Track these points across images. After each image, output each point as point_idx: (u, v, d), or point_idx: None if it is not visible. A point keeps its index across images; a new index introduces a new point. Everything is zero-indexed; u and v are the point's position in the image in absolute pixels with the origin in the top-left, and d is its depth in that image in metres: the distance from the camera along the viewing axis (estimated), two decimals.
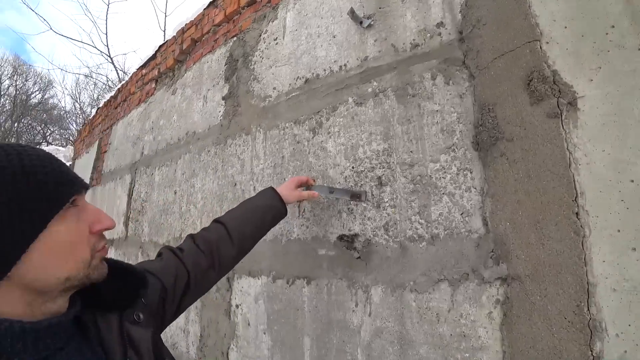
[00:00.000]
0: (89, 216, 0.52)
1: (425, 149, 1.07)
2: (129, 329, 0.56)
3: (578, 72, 0.82)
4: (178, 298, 0.76)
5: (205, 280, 0.85)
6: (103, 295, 0.55)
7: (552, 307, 0.77)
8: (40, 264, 0.46)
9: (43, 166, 0.48)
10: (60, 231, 0.48)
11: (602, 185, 0.75)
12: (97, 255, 0.52)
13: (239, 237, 0.93)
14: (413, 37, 1.17)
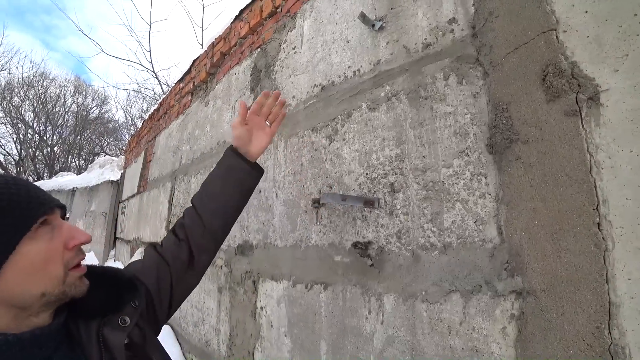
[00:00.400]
0: (63, 234, 0.54)
1: (437, 154, 1.02)
2: (106, 334, 0.57)
3: (601, 62, 0.73)
4: (167, 291, 0.77)
5: (190, 266, 0.82)
6: (86, 304, 0.58)
7: (570, 327, 0.70)
8: (15, 282, 0.49)
9: (9, 192, 0.50)
10: (30, 251, 0.50)
11: (630, 192, 0.66)
12: (72, 273, 0.54)
13: (206, 214, 0.85)
14: (425, 37, 1.13)
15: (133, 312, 0.63)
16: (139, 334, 0.64)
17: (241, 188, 0.91)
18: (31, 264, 0.50)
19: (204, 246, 0.85)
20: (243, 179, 0.90)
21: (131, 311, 0.63)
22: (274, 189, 1.67)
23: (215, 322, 1.98)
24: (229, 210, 0.89)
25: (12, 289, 0.49)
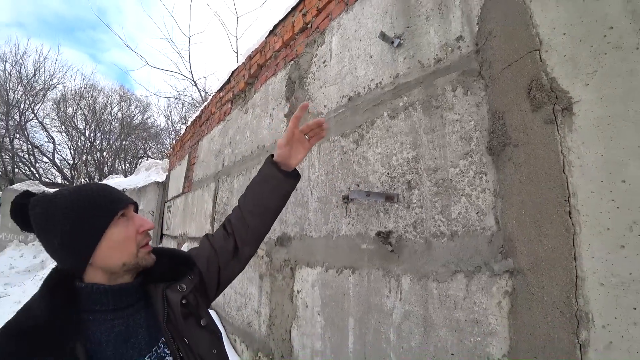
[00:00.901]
0: (135, 222, 0.77)
1: (446, 155, 1.22)
2: (168, 294, 0.80)
3: (574, 78, 0.90)
4: (215, 274, 0.96)
5: (234, 257, 0.99)
6: (155, 272, 0.82)
7: (547, 298, 0.88)
8: (105, 255, 0.72)
9: (99, 195, 0.75)
10: (114, 234, 0.72)
11: (594, 186, 0.83)
12: (142, 250, 0.77)
13: (248, 215, 1.01)
14: (436, 53, 1.32)
15: (189, 282, 0.85)
16: (193, 299, 0.85)
17: (277, 193, 1.03)
18: (115, 243, 0.73)
19: (247, 240, 1.00)
20: (279, 186, 1.02)
21: (187, 281, 0.85)
22: (309, 188, 1.92)
23: (256, 306, 2.27)
24: (268, 212, 1.03)
25: (104, 260, 0.73)
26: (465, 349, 1.06)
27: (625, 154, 0.80)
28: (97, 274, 0.73)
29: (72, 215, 0.71)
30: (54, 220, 0.71)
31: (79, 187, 0.77)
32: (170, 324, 0.78)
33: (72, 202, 0.72)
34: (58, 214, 0.71)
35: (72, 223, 0.70)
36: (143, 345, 0.74)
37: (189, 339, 0.79)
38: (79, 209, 0.71)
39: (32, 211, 0.72)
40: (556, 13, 0.96)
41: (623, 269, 0.77)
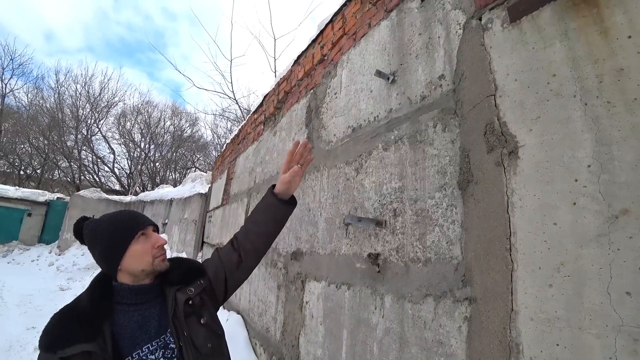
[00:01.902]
0: (152, 240, 1.05)
1: (425, 187, 1.36)
2: (177, 294, 1.04)
3: (521, 123, 1.02)
4: (222, 282, 1.18)
5: (239, 268, 1.21)
6: (170, 277, 1.07)
7: (491, 327, 0.99)
8: (129, 263, 1.00)
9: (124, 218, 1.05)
10: (136, 248, 1.01)
11: (530, 227, 0.95)
12: (157, 260, 1.04)
13: (251, 234, 1.24)
14: (422, 90, 1.47)
15: (197, 286, 1.10)
16: (199, 301, 1.08)
17: (275, 218, 1.27)
18: (136, 254, 1.01)
19: (249, 255, 1.23)
20: (277, 212, 1.26)
21: (196, 286, 1.10)
22: (319, 209, 2.13)
23: (274, 313, 2.51)
24: (267, 233, 1.26)
25: (128, 267, 1.01)
26: None
27: (558, 198, 0.91)
28: (125, 276, 1.03)
29: (106, 235, 1.03)
30: (96, 239, 1.03)
31: (114, 214, 1.09)
32: (175, 318, 1.03)
33: (107, 226, 1.04)
34: (98, 235, 1.03)
35: (107, 241, 1.02)
36: (153, 333, 1.00)
37: (188, 333, 1.02)
38: (111, 231, 1.03)
39: (84, 231, 1.06)
40: (510, 60, 1.09)
41: (550, 307, 0.88)
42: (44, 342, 0.90)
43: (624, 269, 0.77)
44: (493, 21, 1.16)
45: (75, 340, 0.88)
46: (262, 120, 3.58)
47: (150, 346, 0.98)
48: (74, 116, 19.14)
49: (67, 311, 0.95)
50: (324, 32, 2.46)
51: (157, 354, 0.98)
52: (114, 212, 1.09)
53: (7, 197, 13.20)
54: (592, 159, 0.86)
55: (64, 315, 0.93)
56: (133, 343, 0.96)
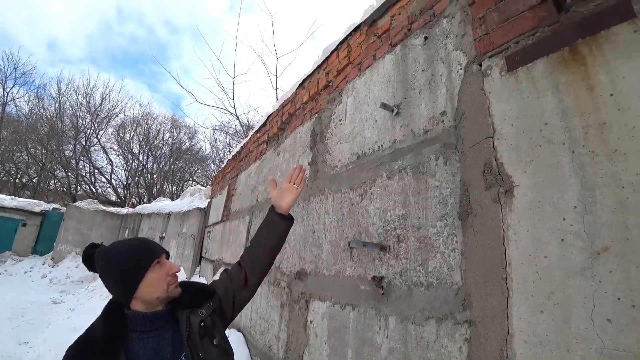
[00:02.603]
0: (166, 268, 1.07)
1: (427, 216, 1.48)
2: (190, 317, 1.07)
3: (517, 164, 1.14)
4: (231, 298, 1.23)
5: (245, 285, 1.27)
6: (181, 301, 1.10)
7: (489, 349, 1.10)
8: (145, 291, 1.02)
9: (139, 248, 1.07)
10: (151, 276, 1.03)
11: (524, 259, 1.06)
12: (171, 287, 1.07)
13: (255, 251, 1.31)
14: (425, 124, 1.60)
15: (208, 308, 1.14)
16: (210, 322, 1.12)
17: (274, 233, 1.33)
18: (151, 282, 1.03)
19: (253, 272, 1.29)
20: (276, 227, 1.33)
21: (207, 307, 1.14)
22: (324, 231, 2.23)
23: (277, 331, 2.57)
24: (268, 249, 1.32)
25: (143, 295, 1.03)
26: None
27: (548, 234, 1.03)
28: (139, 304, 1.05)
29: (122, 263, 1.04)
30: (110, 268, 1.05)
31: (128, 242, 1.12)
32: (190, 340, 1.07)
33: (122, 255, 1.06)
34: (112, 264, 1.05)
35: (122, 270, 1.04)
36: (168, 357, 1.04)
37: (203, 354, 1.07)
38: (127, 260, 1.05)
39: (96, 259, 1.07)
40: (507, 106, 1.22)
41: (541, 331, 0.99)
42: None
43: (605, 299, 0.88)
44: (492, 68, 1.30)
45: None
46: (265, 139, 3.70)
47: None
48: (74, 126, 19.24)
49: (83, 343, 0.98)
50: (329, 59, 2.61)
51: None
52: (127, 240, 1.13)
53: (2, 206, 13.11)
54: (577, 201, 0.98)
55: (80, 347, 0.96)
56: None
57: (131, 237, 1.18)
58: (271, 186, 1.41)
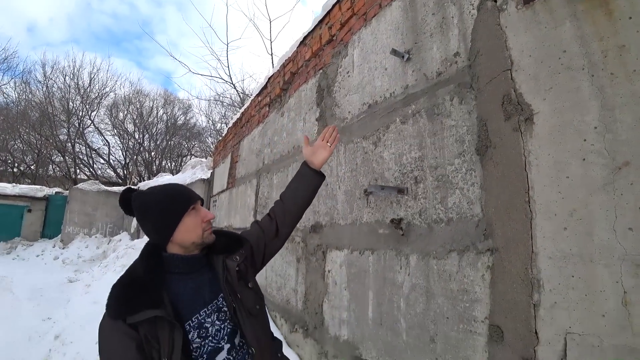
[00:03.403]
0: (201, 214, 1.08)
1: (445, 155, 1.50)
2: (227, 262, 1.11)
3: (536, 93, 1.16)
4: (262, 248, 1.27)
5: (277, 236, 1.30)
6: (216, 247, 1.13)
7: (514, 270, 1.16)
8: (181, 236, 1.04)
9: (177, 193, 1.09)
10: (187, 221, 1.05)
11: (546, 181, 1.10)
12: (206, 232, 1.09)
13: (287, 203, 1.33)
14: (438, 67, 1.59)
15: (241, 254, 1.17)
16: (244, 267, 1.16)
17: (307, 187, 1.36)
18: (187, 227, 1.05)
19: (285, 223, 1.32)
20: (309, 182, 1.35)
21: (240, 254, 1.16)
22: (337, 183, 2.27)
23: (294, 285, 2.68)
24: (301, 201, 1.35)
25: (180, 239, 1.05)
26: (457, 313, 1.36)
27: (569, 156, 1.06)
28: (175, 248, 1.08)
29: (159, 208, 1.06)
30: (148, 211, 1.07)
31: (165, 187, 1.13)
32: (227, 283, 1.11)
33: (161, 199, 1.08)
34: (150, 207, 1.07)
35: (159, 214, 1.06)
36: (207, 298, 1.08)
37: (240, 295, 1.11)
38: (164, 204, 1.07)
39: (134, 203, 1.09)
40: (525, 38, 1.22)
41: (565, 246, 1.04)
42: (112, 310, 0.95)
43: (627, 210, 0.93)
44: (508, 3, 1.28)
45: (143, 306, 0.94)
46: (267, 102, 3.66)
47: (207, 310, 1.07)
48: (65, 109, 18.85)
49: (127, 281, 1.00)
50: (331, 12, 2.53)
51: (213, 317, 1.06)
52: (164, 185, 1.14)
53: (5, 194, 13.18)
54: (598, 122, 1.00)
55: (125, 285, 0.99)
56: (191, 308, 1.04)
57: (166, 183, 1.18)
58: (304, 143, 1.41)
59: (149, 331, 0.93)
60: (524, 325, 1.12)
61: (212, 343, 1.04)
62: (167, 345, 0.93)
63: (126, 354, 0.92)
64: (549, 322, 1.06)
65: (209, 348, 1.03)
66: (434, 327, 1.45)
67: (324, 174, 1.40)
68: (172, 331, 0.94)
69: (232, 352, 1.07)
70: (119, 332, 0.93)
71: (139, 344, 0.92)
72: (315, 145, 1.39)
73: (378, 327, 1.76)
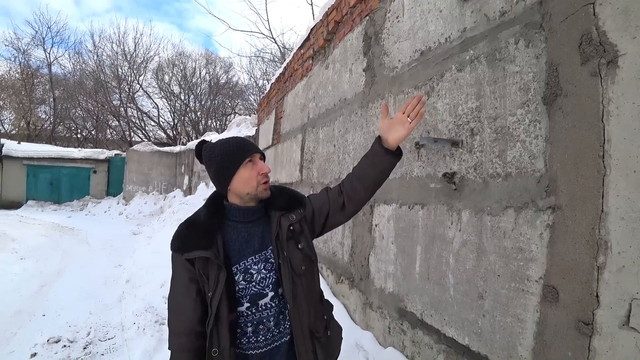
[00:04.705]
0: (257, 167, 1.18)
1: (506, 105, 1.40)
2: (281, 219, 1.18)
3: (624, 31, 1.01)
4: (324, 216, 1.29)
5: (341, 211, 1.29)
6: (274, 202, 1.23)
7: (578, 229, 1.09)
8: (237, 186, 1.17)
9: (235, 144, 1.19)
10: (243, 172, 1.16)
11: (627, 133, 0.98)
12: (261, 186, 1.18)
13: (355, 181, 1.28)
14: (502, 5, 1.44)
15: (299, 214, 1.23)
16: (299, 227, 1.22)
17: (378, 167, 1.26)
18: (243, 178, 1.16)
19: (352, 201, 1.29)
20: (380, 161, 1.25)
21: (297, 214, 1.23)
22: None
23: (340, 238, 2.78)
24: (368, 184, 1.28)
25: (236, 189, 1.18)
26: (509, 271, 1.34)
27: None
28: (234, 197, 1.21)
29: (219, 158, 1.19)
30: (211, 161, 1.21)
31: (227, 140, 1.23)
32: (277, 239, 1.19)
33: (221, 150, 1.20)
34: (213, 157, 1.20)
35: (219, 163, 1.19)
36: (257, 247, 1.20)
37: (287, 253, 1.18)
38: (223, 155, 1.18)
39: (203, 154, 1.25)
40: None
41: None
42: (174, 245, 1.16)
43: None
44: None
45: (196, 247, 1.11)
46: (311, 54, 3.58)
47: (254, 258, 1.18)
48: (115, 76, 20.01)
49: (189, 223, 1.19)
50: None
51: (259, 266, 1.18)
52: (227, 138, 1.25)
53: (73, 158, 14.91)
54: None
55: (187, 226, 1.19)
56: (240, 254, 1.17)
57: (231, 136, 1.29)
58: (382, 114, 1.30)
59: (201, 267, 1.11)
60: (584, 288, 1.08)
61: (255, 288, 1.16)
62: (213, 282, 1.10)
63: (182, 281, 1.14)
64: (613, 286, 1.01)
65: (252, 292, 1.16)
66: (483, 284, 1.45)
67: (399, 153, 1.29)
68: (218, 271, 1.10)
69: (275, 299, 1.18)
70: (178, 262, 1.15)
71: (191, 275, 1.13)
72: (393, 118, 1.26)
73: (425, 281, 1.79)
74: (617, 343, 0.99)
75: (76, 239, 9.13)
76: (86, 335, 3.66)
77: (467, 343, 1.52)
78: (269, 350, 1.17)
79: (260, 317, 1.16)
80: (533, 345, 1.24)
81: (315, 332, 1.22)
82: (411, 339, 1.90)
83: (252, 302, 1.16)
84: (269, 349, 1.17)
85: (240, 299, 1.15)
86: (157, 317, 3.79)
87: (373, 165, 1.27)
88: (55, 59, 21.40)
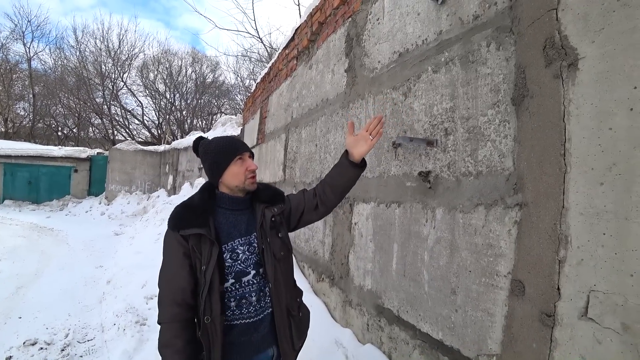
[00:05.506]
0: (246, 163, 1.33)
1: (477, 106, 1.45)
2: (265, 210, 1.35)
3: (584, 35, 1.06)
4: (299, 214, 1.45)
5: (314, 211, 1.46)
6: (259, 195, 1.38)
7: (541, 225, 1.14)
8: (227, 179, 1.31)
9: (225, 143, 1.34)
10: (233, 168, 1.30)
11: (586, 133, 1.03)
12: (248, 180, 1.33)
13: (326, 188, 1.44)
14: (475, 9, 1.49)
15: (279, 208, 1.40)
16: (279, 219, 1.39)
17: (343, 177, 1.43)
18: (233, 173, 1.31)
19: (324, 203, 1.46)
20: (346, 172, 1.42)
21: (278, 207, 1.40)
22: None
23: (321, 237, 2.80)
24: (337, 190, 1.45)
25: (227, 181, 1.32)
26: (480, 267, 1.38)
27: (615, 105, 0.98)
28: (224, 188, 1.35)
29: (214, 154, 1.33)
30: (206, 156, 1.36)
31: (221, 139, 1.38)
32: (261, 228, 1.34)
33: (214, 147, 1.35)
34: (207, 153, 1.35)
35: (212, 159, 1.34)
36: (243, 232, 1.34)
37: (269, 239, 1.33)
38: (217, 151, 1.34)
39: (200, 149, 1.39)
40: None
41: (600, 202, 1.00)
42: (171, 223, 1.27)
43: None
44: None
45: (192, 225, 1.23)
46: (295, 54, 3.59)
47: (240, 240, 1.33)
48: (98, 72, 19.56)
49: (185, 205, 1.31)
50: None
51: (244, 248, 1.32)
52: (221, 137, 1.40)
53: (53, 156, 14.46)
54: None
55: (183, 207, 1.30)
56: (228, 235, 1.31)
57: (224, 135, 1.42)
58: (348, 130, 1.45)
59: (195, 244, 1.23)
60: (547, 281, 1.12)
61: (240, 266, 1.30)
62: (206, 256, 1.22)
63: (176, 256, 1.24)
64: (573, 278, 1.05)
65: (237, 269, 1.29)
66: (455, 280, 1.49)
67: (363, 165, 1.45)
68: (211, 247, 1.23)
69: (257, 277, 1.32)
70: (174, 239, 1.25)
71: (186, 251, 1.24)
72: (358, 135, 1.42)
73: (401, 278, 1.83)
74: (577, 333, 1.03)
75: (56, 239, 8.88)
76: (64, 337, 3.57)
77: (441, 338, 1.56)
78: (253, 322, 1.30)
79: (243, 292, 1.30)
80: (502, 339, 1.28)
81: (292, 310, 1.39)
82: (388, 335, 1.93)
83: (236, 279, 1.29)
84: (252, 320, 1.30)
85: (225, 275, 1.27)
86: (138, 317, 3.73)
87: (340, 174, 1.44)
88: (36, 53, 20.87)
